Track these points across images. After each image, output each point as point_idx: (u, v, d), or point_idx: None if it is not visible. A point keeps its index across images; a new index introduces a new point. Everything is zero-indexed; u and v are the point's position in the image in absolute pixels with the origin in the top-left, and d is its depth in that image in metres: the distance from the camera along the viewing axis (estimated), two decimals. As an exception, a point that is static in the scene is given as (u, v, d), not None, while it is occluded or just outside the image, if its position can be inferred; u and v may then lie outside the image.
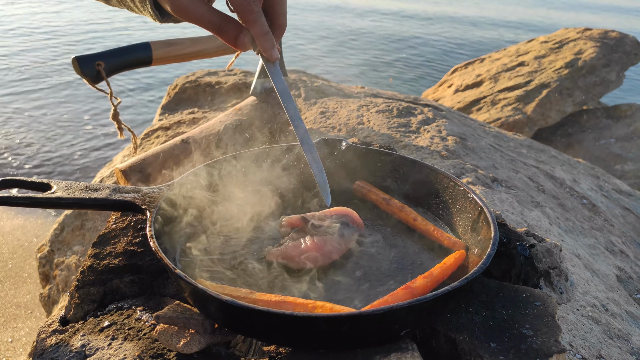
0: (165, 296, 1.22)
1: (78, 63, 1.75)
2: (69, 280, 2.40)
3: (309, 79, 3.10)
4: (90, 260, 1.27)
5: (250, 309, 0.91)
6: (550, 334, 1.02)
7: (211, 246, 1.26)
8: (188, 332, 1.03)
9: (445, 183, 1.39)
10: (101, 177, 2.56)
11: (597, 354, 1.41)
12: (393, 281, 1.14)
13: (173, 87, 3.09)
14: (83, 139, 5.95)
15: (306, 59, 9.37)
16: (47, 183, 1.27)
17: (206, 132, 1.96)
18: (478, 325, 1.05)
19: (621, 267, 2.07)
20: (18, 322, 3.13)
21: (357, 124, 2.45)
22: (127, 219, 1.40)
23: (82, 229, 2.48)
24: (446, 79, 6.14)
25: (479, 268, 1.01)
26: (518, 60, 5.65)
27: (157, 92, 7.40)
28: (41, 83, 7.65)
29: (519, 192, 2.15)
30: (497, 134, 3.02)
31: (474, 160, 2.29)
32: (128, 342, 1.06)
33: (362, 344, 0.96)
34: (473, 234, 1.24)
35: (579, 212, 2.35)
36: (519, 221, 1.88)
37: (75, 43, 9.78)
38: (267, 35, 1.06)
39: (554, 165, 2.82)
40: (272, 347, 1.07)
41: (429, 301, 0.92)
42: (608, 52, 5.29)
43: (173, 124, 2.64)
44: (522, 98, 5.02)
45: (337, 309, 0.96)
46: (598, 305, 1.67)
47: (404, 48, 11.01)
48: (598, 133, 4.99)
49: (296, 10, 13.58)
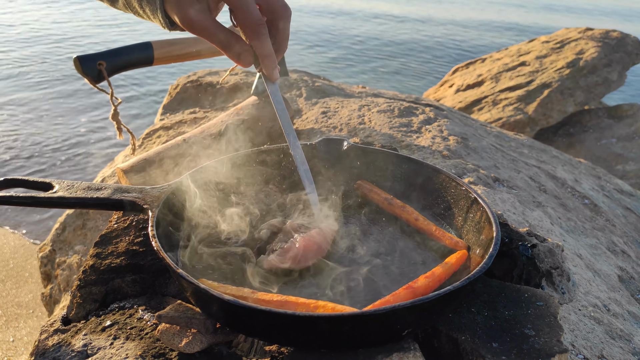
0: (167, 296, 1.22)
1: (79, 62, 1.75)
2: (70, 280, 2.40)
3: (310, 79, 3.10)
4: (92, 260, 1.27)
5: (252, 308, 0.91)
6: (552, 334, 1.02)
7: (212, 245, 1.26)
8: (190, 332, 1.03)
9: (447, 183, 1.39)
10: (103, 176, 2.56)
11: (599, 354, 1.41)
12: (395, 281, 1.14)
13: (174, 86, 3.09)
14: (84, 139, 5.96)
15: (310, 64, 9.39)
16: (49, 182, 1.27)
17: (207, 132, 1.96)
18: (480, 325, 1.04)
19: (623, 267, 2.07)
20: (20, 322, 3.14)
21: (359, 124, 2.45)
22: (129, 218, 1.40)
23: (83, 229, 2.48)
24: (447, 78, 6.13)
25: (481, 268, 1.01)
26: (519, 60, 5.65)
27: (159, 92, 7.41)
28: (43, 82, 7.66)
29: (521, 192, 2.15)
30: (499, 133, 3.02)
31: (476, 160, 2.28)
32: (130, 341, 1.06)
33: (364, 343, 0.96)
34: (475, 233, 1.24)
35: (580, 212, 2.34)
36: (520, 221, 1.88)
37: (79, 42, 9.79)
38: (272, 57, 1.07)
39: (555, 165, 2.82)
40: (274, 347, 1.07)
41: (431, 301, 0.92)
42: (609, 52, 5.28)
43: (174, 124, 2.64)
44: (523, 98, 5.01)
45: (339, 308, 0.96)
46: (600, 306, 1.66)
47: (406, 49, 11.01)
48: (599, 133, 4.99)
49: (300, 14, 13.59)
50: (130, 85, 7.63)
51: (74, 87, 7.46)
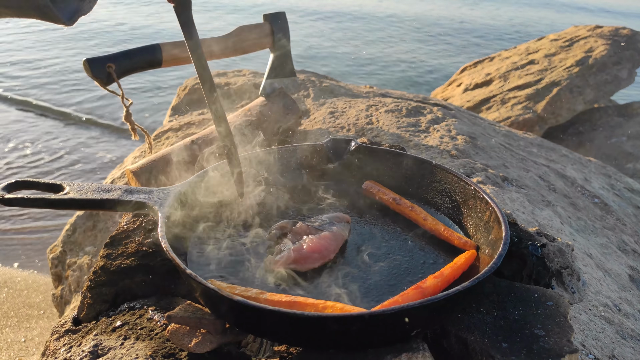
0: (177, 296, 1.23)
1: (89, 65, 1.76)
2: (81, 281, 2.42)
3: (317, 80, 3.11)
4: (102, 261, 1.28)
5: (261, 309, 0.91)
6: (563, 334, 1.01)
7: (220, 246, 1.26)
8: (199, 332, 1.03)
9: (456, 182, 1.38)
10: (112, 178, 2.58)
11: (610, 354, 1.40)
12: (403, 281, 1.14)
13: (183, 88, 3.10)
14: (94, 140, 6.00)
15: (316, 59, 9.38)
16: (60, 184, 1.28)
17: (216, 133, 1.97)
18: (489, 326, 1.04)
19: (634, 266, 2.05)
20: (31, 322, 3.16)
21: (366, 124, 2.45)
22: (139, 219, 1.41)
23: (93, 230, 2.50)
24: (455, 78, 6.11)
25: (490, 268, 1.01)
26: (528, 58, 5.61)
27: (167, 94, 7.44)
28: (53, 84, 7.73)
29: (530, 192, 2.14)
30: (507, 132, 3.00)
31: (484, 160, 2.27)
32: (140, 341, 1.07)
33: (373, 344, 0.96)
34: (484, 233, 1.24)
35: (590, 212, 2.33)
36: (530, 220, 1.87)
37: (89, 43, 9.86)
38: None
39: (564, 164, 2.80)
40: (283, 347, 1.07)
41: (440, 301, 0.92)
42: (619, 50, 5.23)
43: (183, 125, 2.66)
44: (532, 96, 4.98)
45: (347, 309, 0.96)
46: (610, 305, 1.65)
47: (414, 48, 10.99)
48: (609, 131, 4.94)
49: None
50: (139, 87, 7.67)
51: (84, 88, 7.51)
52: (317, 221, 1.30)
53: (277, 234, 1.28)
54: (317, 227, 1.27)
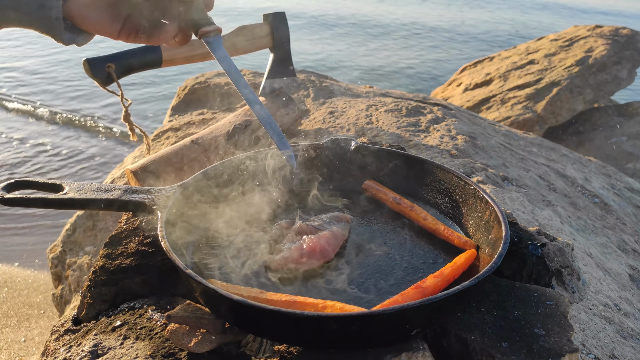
0: (177, 296, 1.23)
1: (89, 65, 1.76)
2: (81, 281, 2.42)
3: (317, 79, 3.11)
4: (102, 261, 1.28)
5: (261, 308, 0.91)
6: (563, 334, 1.01)
7: (220, 246, 1.26)
8: (199, 332, 1.03)
9: (456, 182, 1.38)
10: (112, 178, 2.58)
11: (610, 354, 1.40)
12: (403, 280, 1.14)
13: (182, 88, 3.10)
14: (94, 140, 6.00)
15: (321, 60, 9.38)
16: (59, 184, 1.28)
17: (216, 133, 1.97)
18: (489, 325, 1.04)
19: (634, 266, 2.05)
20: (31, 322, 3.16)
21: (366, 124, 2.45)
22: (138, 219, 1.41)
23: (93, 230, 2.50)
24: (455, 77, 6.11)
25: (490, 267, 1.01)
26: (528, 58, 5.61)
27: (167, 94, 7.44)
28: (52, 83, 7.72)
29: (530, 191, 2.14)
30: (507, 132, 3.00)
31: (484, 159, 2.27)
32: (140, 341, 1.07)
33: (373, 343, 0.96)
34: (484, 233, 1.24)
35: (590, 211, 2.33)
36: (530, 220, 1.87)
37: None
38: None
39: (564, 164, 2.80)
40: (283, 347, 1.07)
41: (440, 301, 0.92)
42: (619, 50, 5.23)
43: (183, 125, 2.66)
44: (532, 96, 4.98)
45: (347, 308, 0.96)
46: (611, 305, 1.65)
47: (414, 48, 10.99)
48: (609, 131, 4.94)
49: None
50: (139, 86, 7.67)
51: (84, 87, 7.52)
52: (317, 221, 1.30)
53: (277, 234, 1.28)
54: (317, 226, 1.27)
